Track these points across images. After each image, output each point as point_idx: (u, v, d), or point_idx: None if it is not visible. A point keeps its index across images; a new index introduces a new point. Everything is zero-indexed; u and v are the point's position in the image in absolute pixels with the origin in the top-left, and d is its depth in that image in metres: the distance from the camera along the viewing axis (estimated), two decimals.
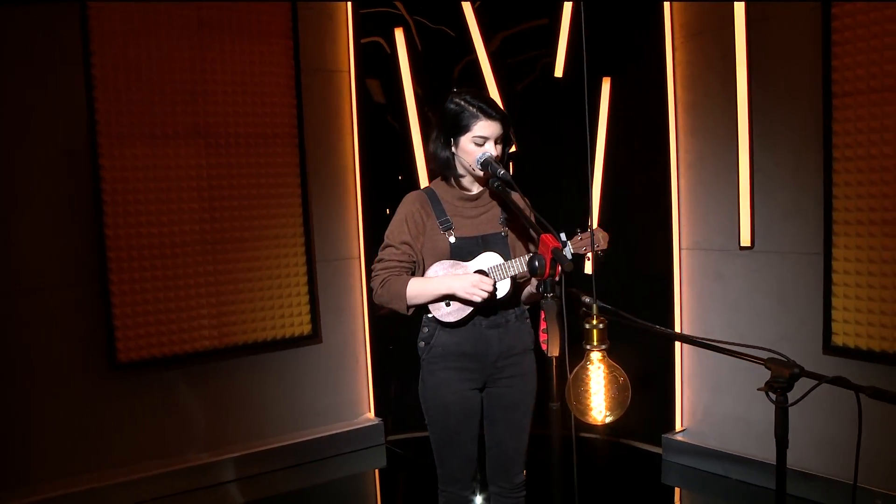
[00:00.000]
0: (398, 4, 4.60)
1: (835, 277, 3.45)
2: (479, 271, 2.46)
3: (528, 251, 2.61)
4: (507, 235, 2.56)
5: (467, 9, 4.53)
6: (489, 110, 2.43)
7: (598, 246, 2.42)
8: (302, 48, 4.34)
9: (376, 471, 4.48)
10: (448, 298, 2.45)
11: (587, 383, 1.91)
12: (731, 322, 3.95)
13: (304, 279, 4.42)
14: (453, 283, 2.41)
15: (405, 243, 2.51)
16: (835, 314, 3.46)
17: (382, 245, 2.57)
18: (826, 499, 3.58)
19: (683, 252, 4.15)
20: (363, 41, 4.57)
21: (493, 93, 4.41)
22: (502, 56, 4.56)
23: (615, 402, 1.89)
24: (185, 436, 4.11)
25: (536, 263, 1.90)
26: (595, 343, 1.90)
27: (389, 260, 2.52)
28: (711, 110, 3.94)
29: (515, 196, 2.36)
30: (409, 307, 2.47)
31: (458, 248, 2.49)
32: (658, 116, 4.12)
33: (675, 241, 4.13)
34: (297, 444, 4.40)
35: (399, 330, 4.62)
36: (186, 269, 4.02)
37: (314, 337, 4.49)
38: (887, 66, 3.22)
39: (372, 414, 4.75)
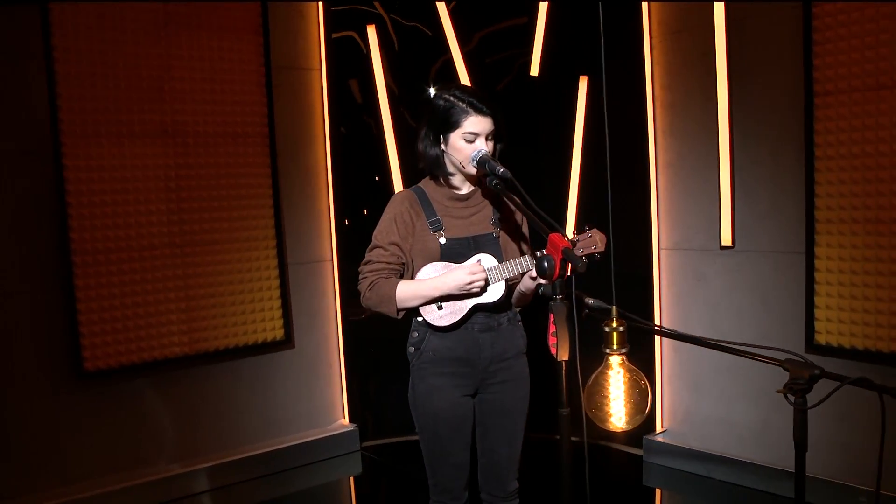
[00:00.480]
0: (376, 5, 4.50)
1: (817, 276, 3.45)
2: None
3: (521, 253, 2.54)
4: (499, 236, 2.49)
5: (441, 8, 4.45)
6: (479, 105, 2.35)
7: (595, 248, 2.36)
8: (272, 45, 4.22)
9: (351, 478, 4.38)
10: (441, 300, 2.36)
11: (606, 389, 1.84)
12: (712, 322, 3.94)
13: (276, 283, 4.30)
14: (445, 282, 2.32)
15: (394, 244, 2.42)
16: (818, 313, 3.46)
17: (370, 246, 2.48)
18: (817, 499, 3.58)
19: (663, 252, 4.12)
20: (335, 36, 4.46)
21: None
22: (480, 55, 4.49)
23: (637, 407, 1.83)
24: (155, 446, 3.96)
25: (546, 264, 1.83)
26: (615, 346, 1.84)
27: (377, 262, 2.43)
28: (690, 109, 3.92)
29: (511, 196, 2.29)
30: (399, 311, 2.38)
31: (448, 249, 2.40)
32: (636, 116, 4.09)
33: (654, 241, 4.11)
34: (271, 453, 4.27)
35: (375, 332, 4.57)
36: (155, 272, 3.87)
37: (287, 342, 4.37)
38: (868, 65, 3.24)
39: (346, 420, 4.64)
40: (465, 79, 4.45)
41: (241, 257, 4.16)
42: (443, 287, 2.33)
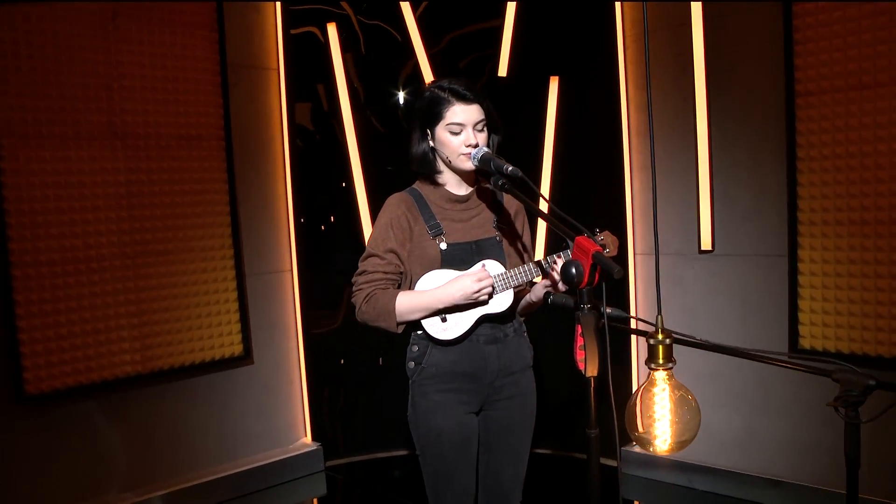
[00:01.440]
0: (343, 5, 4.29)
1: (801, 279, 3.39)
2: None
3: (523, 258, 2.38)
4: (502, 241, 2.33)
5: (406, 9, 4.28)
6: (462, 92, 2.19)
7: (608, 251, 2.22)
8: (228, 42, 3.97)
9: (315, 500, 4.13)
10: (446, 311, 2.19)
11: (651, 408, 1.69)
12: (690, 328, 3.79)
13: (234, 295, 4.04)
14: (450, 292, 2.15)
15: (391, 251, 2.24)
16: (802, 317, 3.40)
17: (364, 255, 2.29)
18: None
19: (638, 257, 4.03)
20: (294, 32, 4.24)
21: None
22: (451, 57, 4.32)
23: (686, 427, 1.68)
24: (106, 474, 3.65)
25: (573, 270, 1.66)
26: (661, 361, 1.69)
27: (374, 272, 2.24)
28: (665, 110, 3.83)
29: (521, 196, 2.13)
30: (399, 324, 2.20)
31: (449, 255, 2.23)
32: (609, 117, 3.99)
33: (629, 246, 4.01)
34: (229, 477, 3.99)
35: (338, 344, 4.37)
36: (104, 286, 3.57)
37: (245, 358, 4.11)
38: (850, 64, 3.19)
39: (309, 439, 4.40)
40: (429, 78, 4.29)
41: (197, 268, 3.89)
42: (448, 297, 2.15)
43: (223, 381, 4.05)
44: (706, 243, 3.72)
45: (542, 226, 4.08)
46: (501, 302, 2.21)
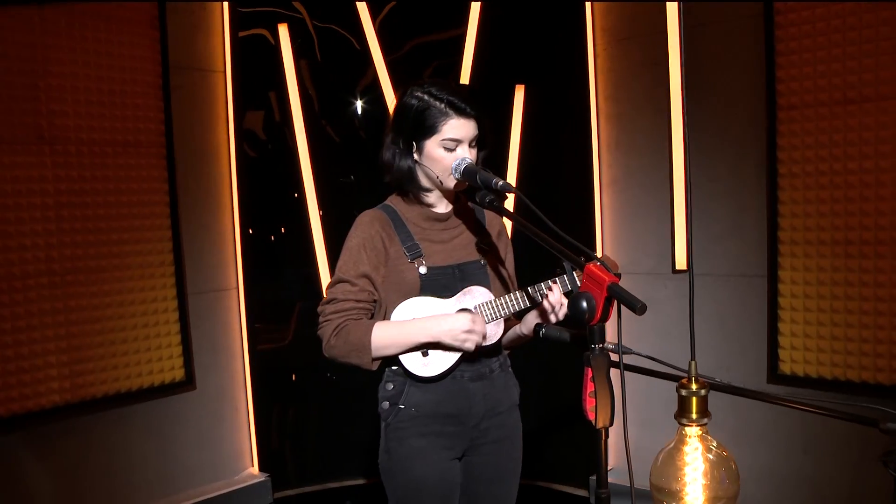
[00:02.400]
0: (296, 6, 4.01)
1: (781, 301, 3.25)
2: (464, 310, 1.97)
3: (509, 285, 2.16)
4: (486, 265, 2.09)
5: (364, 13, 4.02)
6: (462, 105, 1.95)
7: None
8: (171, 41, 3.65)
9: None
10: (429, 347, 1.94)
11: (681, 469, 1.46)
12: (663, 351, 3.60)
13: (175, 316, 3.71)
14: (437, 328, 1.90)
15: (364, 276, 1.98)
16: (782, 340, 3.26)
17: (332, 281, 2.02)
18: None
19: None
20: (242, 35, 3.94)
21: (391, 103, 3.93)
22: (412, 64, 4.06)
23: (725, 492, 1.46)
24: None
25: (584, 304, 1.44)
26: (694, 416, 1.47)
27: (344, 300, 1.97)
28: (638, 122, 3.66)
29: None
30: (374, 360, 1.94)
31: (430, 280, 1.99)
32: (579, 128, 3.79)
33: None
34: None
35: (288, 363, 4.07)
36: (28, 305, 3.21)
37: (187, 383, 3.78)
38: (835, 78, 3.07)
39: (256, 469, 4.08)
40: (388, 90, 4.03)
41: (134, 287, 3.55)
42: (431, 334, 1.91)
43: (162, 409, 3.71)
44: (681, 262, 3.55)
45: (527, 247, 3.86)
46: (490, 334, 1.98)
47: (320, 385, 4.05)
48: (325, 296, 2.02)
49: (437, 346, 1.93)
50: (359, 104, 4.10)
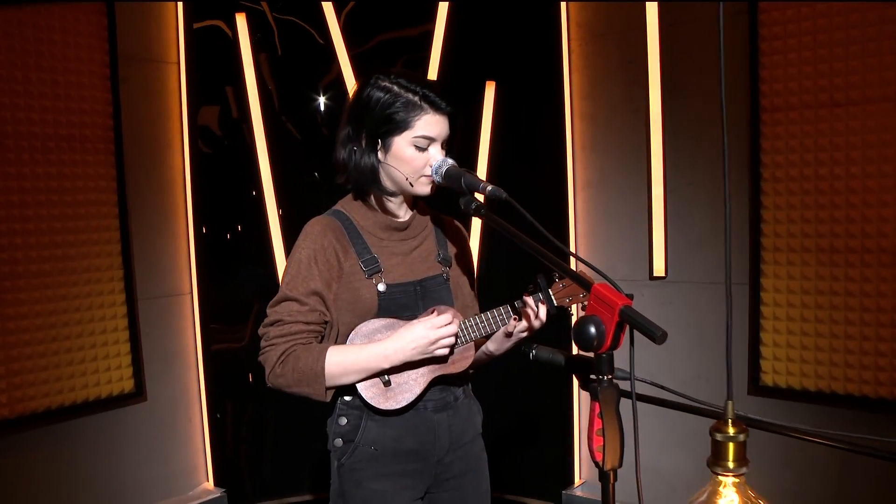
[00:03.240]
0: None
1: (763, 310, 3.13)
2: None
3: (471, 300, 1.98)
4: (448, 279, 1.91)
5: (328, 6, 3.81)
6: (438, 100, 1.75)
7: (584, 295, 1.83)
8: (120, 30, 3.41)
9: None
10: (389, 372, 1.75)
11: None
12: (637, 361, 3.54)
13: (124, 323, 3.48)
14: (401, 346, 1.70)
15: (315, 294, 1.76)
16: (764, 350, 3.14)
17: (277, 298, 1.79)
18: None
19: None
20: (197, 26, 3.71)
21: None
22: (378, 59, 3.85)
23: None
24: None
25: (592, 330, 1.27)
26: (731, 465, 1.31)
27: (292, 321, 1.75)
28: (614, 123, 3.52)
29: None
30: (328, 390, 1.74)
31: (389, 299, 1.79)
32: (552, 127, 3.63)
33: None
34: None
35: (247, 365, 3.82)
36: None
37: (137, 395, 3.54)
38: (821, 79, 2.95)
39: (211, 484, 3.86)
40: (352, 86, 3.80)
41: (79, 293, 3.31)
42: (397, 352, 1.70)
43: (111, 422, 3.47)
44: (659, 269, 3.42)
45: (503, 257, 3.70)
46: (463, 359, 1.80)
47: (279, 394, 3.83)
48: (267, 315, 1.80)
49: (404, 367, 1.74)
50: (321, 100, 3.89)
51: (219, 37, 3.74)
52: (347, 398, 1.81)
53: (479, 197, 1.69)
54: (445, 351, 1.73)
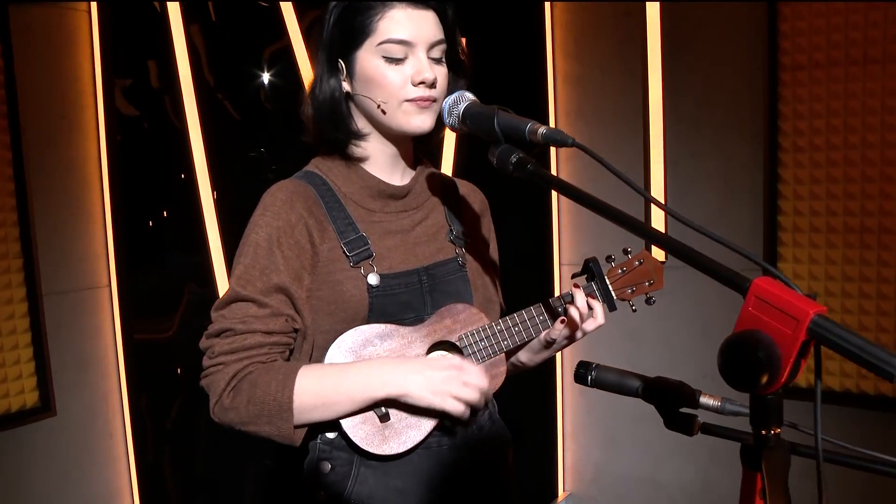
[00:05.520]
0: None
1: None
2: (440, 345, 1.31)
3: (496, 296, 1.51)
4: (466, 265, 1.43)
5: None
6: None
7: (651, 283, 1.42)
8: None
9: None
10: (388, 404, 1.26)
11: None
12: (630, 356, 3.14)
13: (25, 323, 2.89)
14: (406, 382, 1.22)
15: (278, 291, 1.27)
16: None
17: (223, 299, 1.30)
18: None
19: (565, 269, 3.26)
20: None
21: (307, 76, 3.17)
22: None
23: None
24: None
25: (761, 356, 0.81)
26: None
27: (247, 332, 1.25)
28: (605, 86, 3.08)
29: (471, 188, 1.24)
30: (299, 427, 1.24)
31: (383, 296, 1.31)
32: (532, 92, 3.19)
33: (554, 255, 3.23)
34: None
35: (176, 359, 3.28)
36: None
37: (44, 409, 2.97)
38: (853, 32, 2.56)
39: None
40: (303, 57, 3.25)
41: None
42: (398, 384, 1.22)
43: (12, 442, 2.90)
44: (657, 254, 2.98)
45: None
46: (492, 377, 1.34)
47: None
48: (211, 321, 1.30)
49: (404, 404, 1.26)
50: (266, 76, 3.32)
51: None
52: (330, 436, 1.32)
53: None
54: (462, 409, 1.25)
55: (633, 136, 3.00)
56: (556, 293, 3.27)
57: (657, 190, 2.95)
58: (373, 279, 1.30)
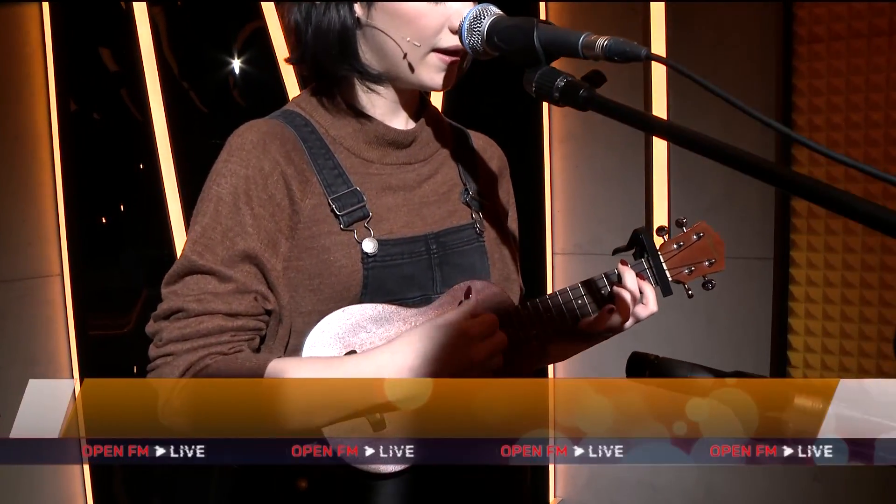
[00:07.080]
0: None
1: (794, 290, 2.59)
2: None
3: (516, 269, 1.29)
4: (483, 231, 1.20)
5: None
6: None
7: (711, 263, 1.21)
8: None
9: None
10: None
11: None
12: (627, 352, 2.95)
13: None
14: (418, 347, 0.99)
15: (246, 259, 1.03)
16: (794, 340, 2.60)
17: (175, 269, 1.04)
18: None
19: (558, 258, 3.08)
20: None
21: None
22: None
23: None
24: None
25: None
26: None
27: (203, 313, 1.01)
28: (604, 63, 2.88)
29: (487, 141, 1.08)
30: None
31: (382, 269, 1.07)
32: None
33: (547, 243, 3.05)
34: None
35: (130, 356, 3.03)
36: None
37: None
38: (856, 3, 2.40)
39: None
40: (279, 44, 3.01)
41: None
42: (408, 370, 0.98)
43: None
44: (659, 241, 2.83)
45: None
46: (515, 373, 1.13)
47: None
48: (161, 297, 1.05)
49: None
50: (236, 63, 3.09)
51: None
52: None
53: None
54: (497, 362, 1.06)
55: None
56: (549, 287, 3.09)
57: (660, 171, 2.77)
58: (368, 246, 1.06)
